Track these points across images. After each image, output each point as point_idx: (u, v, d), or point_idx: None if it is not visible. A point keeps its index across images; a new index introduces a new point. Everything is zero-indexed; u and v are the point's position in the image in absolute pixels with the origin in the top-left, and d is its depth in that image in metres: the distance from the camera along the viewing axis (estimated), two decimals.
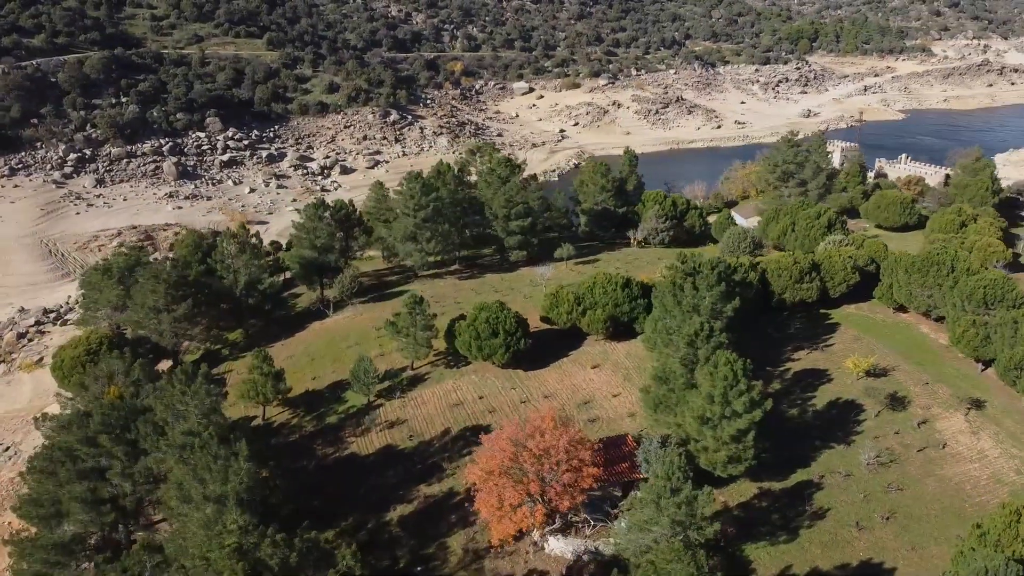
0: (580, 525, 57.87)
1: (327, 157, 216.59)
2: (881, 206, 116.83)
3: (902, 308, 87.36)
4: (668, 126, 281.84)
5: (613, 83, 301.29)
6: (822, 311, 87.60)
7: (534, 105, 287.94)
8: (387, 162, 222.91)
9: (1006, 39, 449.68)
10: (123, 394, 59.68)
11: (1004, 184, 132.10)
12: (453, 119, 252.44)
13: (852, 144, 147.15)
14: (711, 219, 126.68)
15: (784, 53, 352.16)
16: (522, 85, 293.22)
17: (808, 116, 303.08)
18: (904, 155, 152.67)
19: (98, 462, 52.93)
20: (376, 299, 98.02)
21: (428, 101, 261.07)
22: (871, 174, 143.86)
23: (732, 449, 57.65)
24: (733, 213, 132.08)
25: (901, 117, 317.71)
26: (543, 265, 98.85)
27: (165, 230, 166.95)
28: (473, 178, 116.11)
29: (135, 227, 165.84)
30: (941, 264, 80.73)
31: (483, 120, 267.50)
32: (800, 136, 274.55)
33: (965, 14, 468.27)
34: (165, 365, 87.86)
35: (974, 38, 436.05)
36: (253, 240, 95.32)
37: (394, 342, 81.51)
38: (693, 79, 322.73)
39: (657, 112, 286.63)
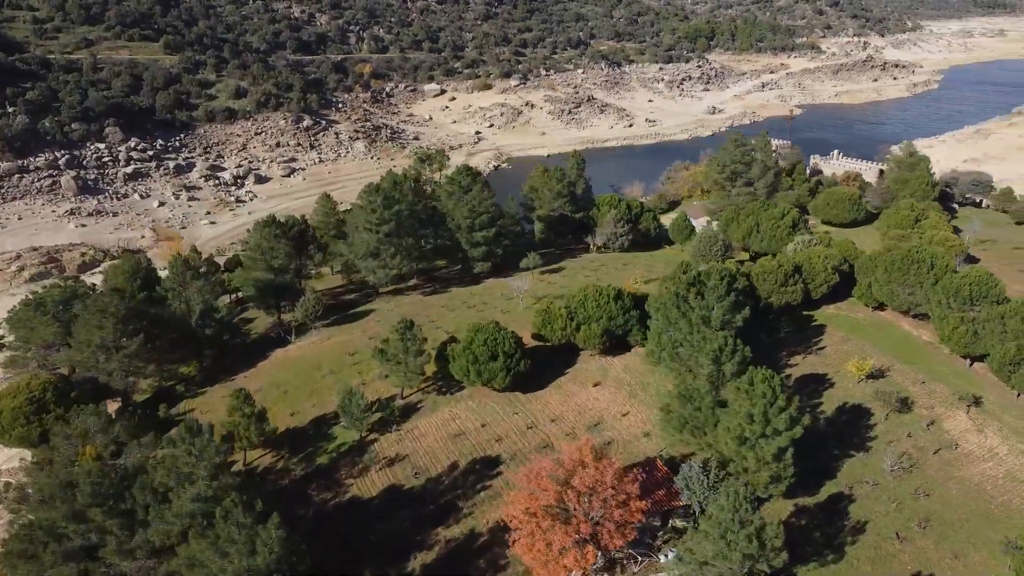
0: (625, 562, 54.39)
1: (239, 166, 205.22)
2: (830, 203, 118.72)
3: (879, 307, 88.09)
4: (582, 125, 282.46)
5: (524, 83, 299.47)
6: (805, 313, 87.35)
7: (447, 107, 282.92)
8: (303, 169, 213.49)
9: (882, 36, 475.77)
10: (101, 454, 52.02)
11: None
12: (368, 123, 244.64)
13: (785, 142, 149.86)
14: (662, 221, 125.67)
15: (685, 52, 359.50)
16: (433, 87, 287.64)
17: (713, 113, 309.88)
18: (836, 151, 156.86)
19: (88, 539, 45.58)
20: (339, 321, 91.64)
21: (340, 105, 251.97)
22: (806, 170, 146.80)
23: (773, 468, 55.52)
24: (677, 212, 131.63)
25: (798, 112, 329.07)
26: (516, 278, 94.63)
27: (71, 250, 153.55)
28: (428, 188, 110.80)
29: (36, 248, 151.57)
30: (921, 262, 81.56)
31: (397, 123, 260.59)
32: (710, 133, 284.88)
33: (845, 13, 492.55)
34: (112, 407, 79.06)
35: (855, 35, 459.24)
36: (203, 266, 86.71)
37: (377, 369, 76.19)
38: (601, 78, 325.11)
39: (570, 112, 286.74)
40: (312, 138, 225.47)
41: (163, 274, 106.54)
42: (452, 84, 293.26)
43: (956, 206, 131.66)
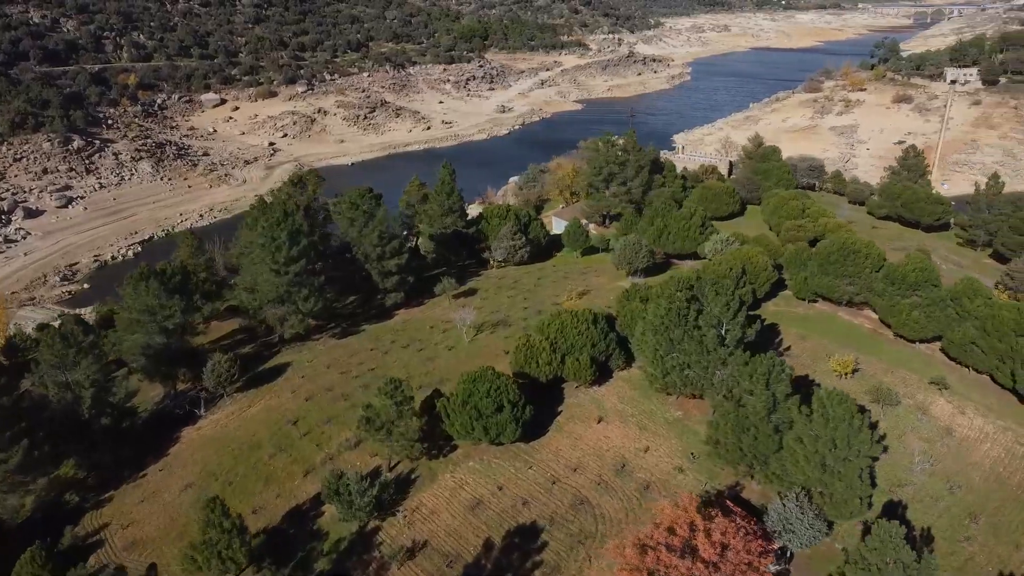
0: None
1: (1, 199, 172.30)
2: (708, 197, 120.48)
3: (812, 299, 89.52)
4: (380, 131, 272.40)
5: (311, 89, 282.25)
6: (751, 313, 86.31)
7: (231, 118, 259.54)
8: (82, 198, 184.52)
9: (632, 33, 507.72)
10: None
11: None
12: (148, 140, 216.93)
13: None
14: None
15: (465, 52, 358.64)
16: (212, 97, 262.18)
17: (504, 112, 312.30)
18: (680, 145, 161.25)
19: None
20: (253, 383, 76.63)
21: (110, 121, 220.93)
22: None
23: (860, 492, 52.55)
24: (555, 219, 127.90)
25: (579, 107, 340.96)
26: (456, 309, 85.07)
27: None
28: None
29: None
30: (857, 253, 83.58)
31: (180, 138, 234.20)
32: (506, 131, 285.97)
33: (597, 11, 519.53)
34: None
35: (610, 33, 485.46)
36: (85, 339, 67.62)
37: (341, 437, 64.27)
38: (388, 81, 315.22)
39: (366, 117, 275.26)
40: (87, 161, 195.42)
41: None
42: (232, 93, 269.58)
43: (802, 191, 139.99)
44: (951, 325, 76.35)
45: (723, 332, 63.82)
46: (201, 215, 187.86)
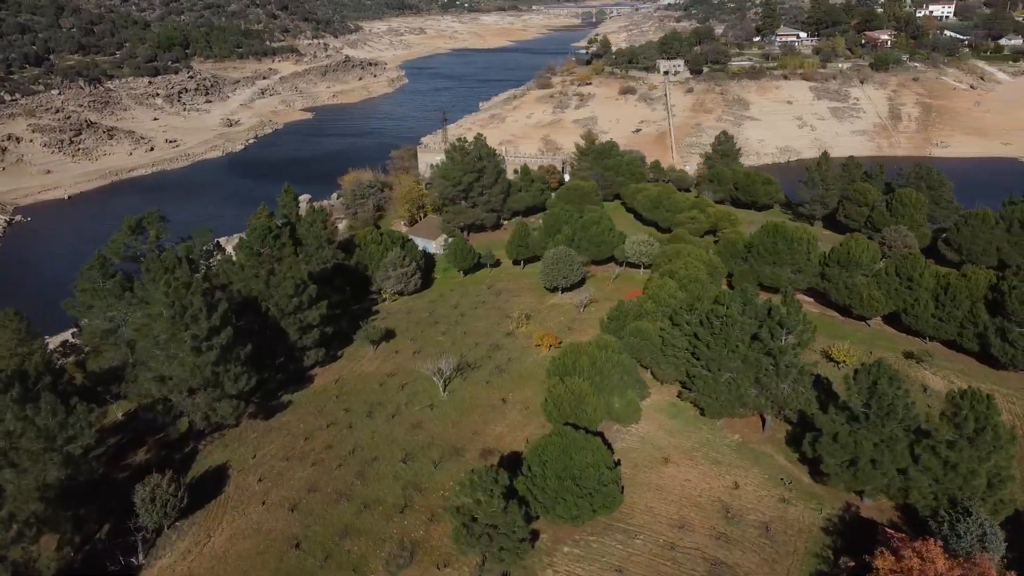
0: None
1: None
2: (574, 198, 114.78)
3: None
4: (94, 156, 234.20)
5: None
6: None
7: None
8: None
9: (336, 37, 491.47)
10: None
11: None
12: None
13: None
14: None
15: (170, 63, 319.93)
16: None
17: (231, 125, 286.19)
18: (503, 146, 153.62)
19: None
20: (195, 502, 56.05)
21: None
22: None
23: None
24: (413, 237, 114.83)
25: (309, 116, 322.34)
26: (423, 360, 70.01)
27: None
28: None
29: None
30: (799, 240, 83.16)
31: None
32: (242, 146, 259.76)
33: (296, 16, 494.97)
34: None
35: (314, 38, 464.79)
36: None
37: (383, 550, 48.89)
38: (86, 98, 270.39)
39: (71, 141, 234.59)
40: None
41: None
42: None
43: None
44: (907, 299, 78.42)
45: (788, 342, 58.24)
46: None
